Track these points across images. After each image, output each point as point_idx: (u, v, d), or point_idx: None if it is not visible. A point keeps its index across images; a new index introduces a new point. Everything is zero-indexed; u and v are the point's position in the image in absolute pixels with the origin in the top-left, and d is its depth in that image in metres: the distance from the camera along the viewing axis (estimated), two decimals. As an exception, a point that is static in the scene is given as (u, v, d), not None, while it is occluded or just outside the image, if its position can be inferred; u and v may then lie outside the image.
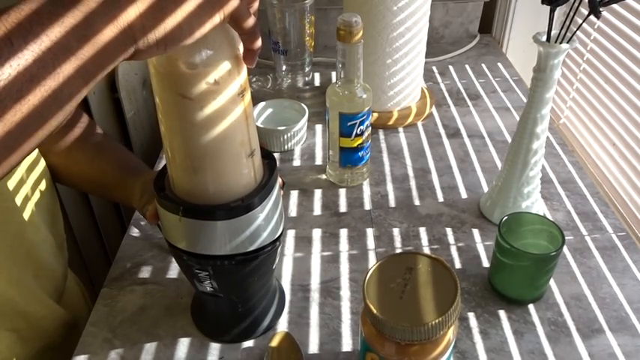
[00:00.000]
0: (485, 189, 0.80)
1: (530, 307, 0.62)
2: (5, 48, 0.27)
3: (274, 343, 0.57)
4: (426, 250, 0.70)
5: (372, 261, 0.69)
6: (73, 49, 0.29)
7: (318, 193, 0.81)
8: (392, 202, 0.78)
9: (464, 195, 0.79)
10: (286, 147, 0.89)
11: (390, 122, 0.94)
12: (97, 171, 0.67)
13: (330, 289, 0.65)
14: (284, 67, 1.05)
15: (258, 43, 0.41)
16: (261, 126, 0.88)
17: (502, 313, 0.62)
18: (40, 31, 0.28)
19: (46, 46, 0.28)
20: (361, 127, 0.75)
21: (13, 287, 0.57)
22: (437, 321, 0.43)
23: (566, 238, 0.64)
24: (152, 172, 0.66)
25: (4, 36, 0.27)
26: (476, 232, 0.73)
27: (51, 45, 0.28)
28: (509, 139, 0.89)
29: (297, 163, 0.88)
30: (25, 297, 0.59)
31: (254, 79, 1.10)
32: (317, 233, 0.73)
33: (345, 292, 0.65)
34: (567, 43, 0.59)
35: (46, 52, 0.28)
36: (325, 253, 0.70)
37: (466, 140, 0.91)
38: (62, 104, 0.30)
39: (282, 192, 0.56)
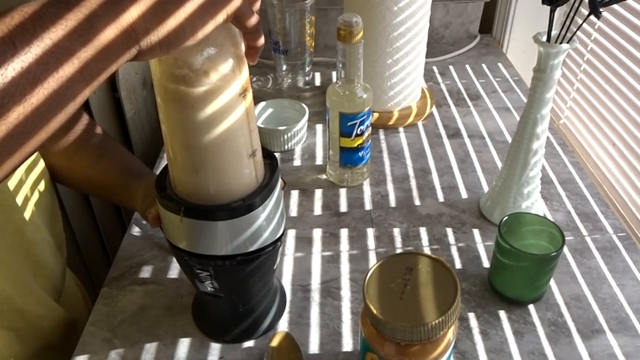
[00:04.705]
0: (486, 189, 0.80)
1: (530, 307, 0.62)
2: (8, 51, 0.27)
3: (274, 343, 0.57)
4: (426, 251, 0.70)
5: (372, 261, 0.69)
6: (76, 51, 0.29)
7: (318, 193, 0.81)
8: (392, 202, 0.78)
9: (464, 195, 0.79)
10: (286, 147, 0.90)
11: (391, 122, 0.94)
12: (99, 174, 0.67)
13: (330, 289, 0.65)
14: (284, 67, 1.05)
15: (261, 40, 0.42)
16: (262, 126, 0.88)
17: (502, 314, 0.62)
18: (43, 33, 0.28)
19: (49, 48, 0.28)
20: (361, 127, 0.75)
21: (11, 286, 0.57)
22: (437, 321, 0.43)
23: (566, 238, 0.64)
24: (155, 175, 0.66)
25: (6, 38, 0.27)
26: (476, 232, 0.73)
27: (53, 47, 0.28)
28: (510, 140, 0.89)
29: (297, 163, 0.88)
30: (23, 295, 0.59)
31: (254, 79, 1.10)
32: (317, 233, 0.73)
33: (346, 292, 0.65)
34: (567, 43, 0.59)
35: (48, 55, 0.28)
36: (325, 253, 0.70)
37: (466, 140, 0.91)
38: (64, 106, 0.30)
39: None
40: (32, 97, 0.28)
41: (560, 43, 0.59)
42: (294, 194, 0.80)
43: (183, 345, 0.60)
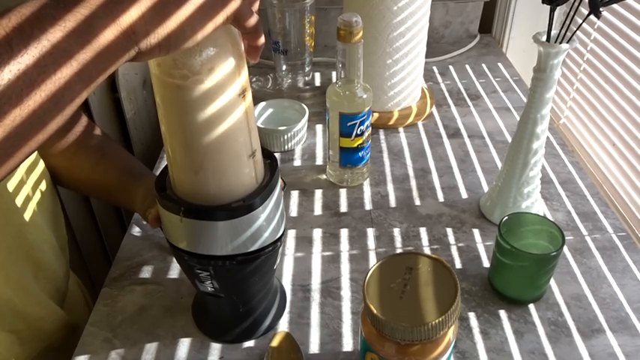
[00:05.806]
0: (486, 189, 0.80)
1: (531, 307, 0.62)
2: (5, 53, 0.26)
3: (274, 343, 0.57)
4: (426, 250, 0.70)
5: (373, 261, 0.69)
6: (74, 53, 0.29)
7: (318, 193, 0.81)
8: (392, 202, 0.78)
9: (464, 195, 0.79)
10: (286, 147, 0.90)
11: (391, 122, 0.94)
12: (99, 175, 0.67)
13: (330, 289, 0.65)
14: (284, 67, 1.05)
15: (262, 40, 0.42)
16: (262, 126, 0.88)
17: (502, 313, 0.62)
18: (41, 35, 0.27)
19: (47, 50, 0.28)
20: (361, 127, 0.75)
21: (11, 288, 0.57)
22: (437, 321, 0.43)
23: (566, 238, 0.64)
24: (154, 175, 0.66)
25: (3, 41, 0.26)
26: (476, 232, 0.73)
27: (51, 49, 0.28)
28: (510, 139, 0.89)
29: (297, 163, 0.88)
30: (23, 298, 0.59)
31: (254, 79, 1.10)
32: (317, 233, 0.73)
33: (346, 292, 0.65)
34: (567, 43, 0.59)
35: (46, 57, 0.28)
36: (326, 253, 0.70)
37: (466, 140, 0.91)
38: (62, 108, 0.30)
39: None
40: (29, 99, 0.27)
41: (560, 42, 0.59)
42: (294, 194, 0.80)
43: (184, 345, 0.60)
